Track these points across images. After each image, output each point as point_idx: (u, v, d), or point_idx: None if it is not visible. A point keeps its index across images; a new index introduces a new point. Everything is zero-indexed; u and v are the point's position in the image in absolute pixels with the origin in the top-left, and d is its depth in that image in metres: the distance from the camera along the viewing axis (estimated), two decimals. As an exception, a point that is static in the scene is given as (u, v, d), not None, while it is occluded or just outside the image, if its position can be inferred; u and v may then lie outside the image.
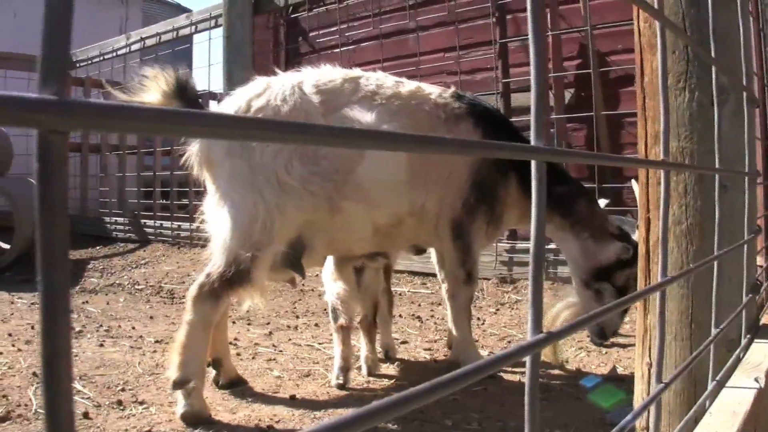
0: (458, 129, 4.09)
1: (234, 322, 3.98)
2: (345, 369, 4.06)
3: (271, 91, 3.84)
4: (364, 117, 3.86)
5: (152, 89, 3.63)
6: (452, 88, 4.34)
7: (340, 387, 3.96)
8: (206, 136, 0.47)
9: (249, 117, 0.48)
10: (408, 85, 4.14)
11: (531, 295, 0.87)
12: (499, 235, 4.63)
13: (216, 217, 3.73)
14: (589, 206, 4.34)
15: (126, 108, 0.42)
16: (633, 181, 4.45)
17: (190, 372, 3.49)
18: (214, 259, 3.70)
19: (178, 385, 3.47)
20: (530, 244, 0.89)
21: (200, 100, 3.74)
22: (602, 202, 4.80)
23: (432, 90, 4.21)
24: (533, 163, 0.85)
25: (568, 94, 7.96)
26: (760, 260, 3.85)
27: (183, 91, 3.66)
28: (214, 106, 9.51)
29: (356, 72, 4.13)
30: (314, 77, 3.95)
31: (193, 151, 3.81)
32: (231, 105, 3.87)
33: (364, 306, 4.34)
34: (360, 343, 4.36)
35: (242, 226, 3.63)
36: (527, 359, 0.85)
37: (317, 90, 3.87)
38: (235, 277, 3.57)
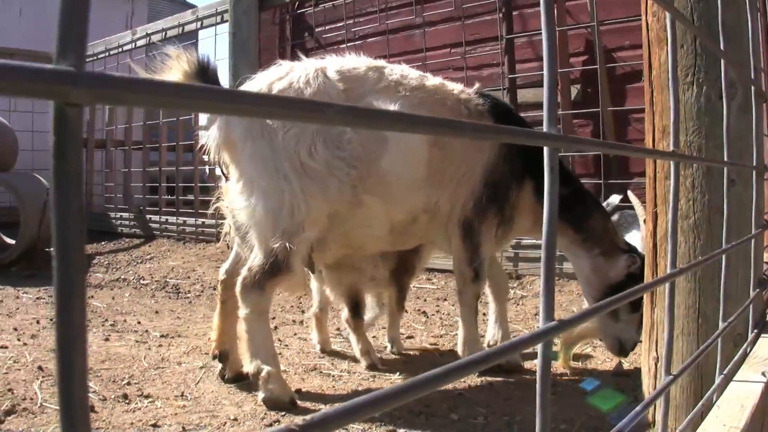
0: None
1: (239, 317, 4.02)
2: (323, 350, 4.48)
3: (294, 74, 3.82)
4: (387, 107, 3.84)
5: (174, 69, 3.64)
6: (477, 85, 4.33)
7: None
8: (222, 112, 0.47)
9: (268, 95, 0.47)
10: (432, 80, 4.12)
11: (543, 283, 0.87)
12: (510, 240, 4.59)
13: (245, 206, 3.71)
14: (602, 222, 4.30)
15: (143, 81, 0.42)
16: (630, 192, 4.46)
17: (262, 361, 3.61)
18: (254, 252, 3.73)
19: (254, 376, 3.62)
20: (543, 232, 0.88)
21: (220, 82, 3.73)
22: (616, 198, 4.77)
23: (455, 86, 4.20)
24: (545, 151, 0.85)
25: (574, 90, 7.95)
26: (766, 255, 3.85)
27: (204, 73, 3.66)
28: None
29: (381, 62, 4.12)
30: (338, 63, 3.94)
31: (210, 134, 3.79)
32: (253, 88, 3.84)
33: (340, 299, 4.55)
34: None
35: (272, 215, 3.64)
36: (539, 347, 0.85)
37: (341, 76, 3.85)
38: (274, 267, 3.61)
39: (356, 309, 4.52)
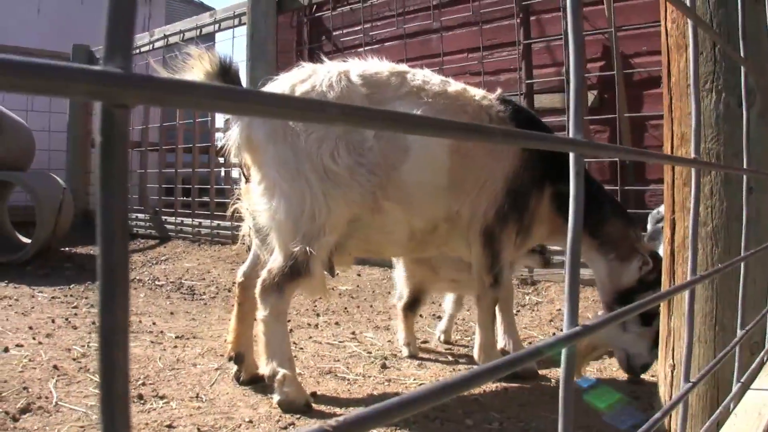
0: None
1: (255, 320, 4.01)
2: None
3: (316, 77, 3.83)
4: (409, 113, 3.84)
5: (196, 68, 3.64)
6: (498, 91, 4.32)
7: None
8: (264, 114, 0.47)
9: (306, 99, 0.47)
10: (455, 86, 4.12)
11: (567, 288, 0.87)
12: (528, 247, 4.57)
13: (266, 208, 3.73)
14: (621, 227, 4.26)
15: (189, 84, 0.43)
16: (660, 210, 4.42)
17: (277, 364, 3.63)
18: (274, 254, 3.75)
19: (270, 378, 3.63)
20: (568, 238, 0.89)
21: (242, 82, 3.74)
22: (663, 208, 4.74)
23: (477, 92, 4.20)
24: (571, 156, 0.85)
25: (591, 96, 7.95)
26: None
27: (226, 73, 3.67)
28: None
29: (403, 67, 4.11)
30: (361, 67, 3.94)
31: (231, 136, 3.80)
32: (275, 89, 3.85)
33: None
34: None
35: (293, 218, 3.66)
36: (563, 352, 0.85)
37: (363, 80, 3.85)
38: (293, 270, 3.63)
39: (415, 303, 4.78)
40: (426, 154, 3.83)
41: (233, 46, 9.37)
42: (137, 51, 11.59)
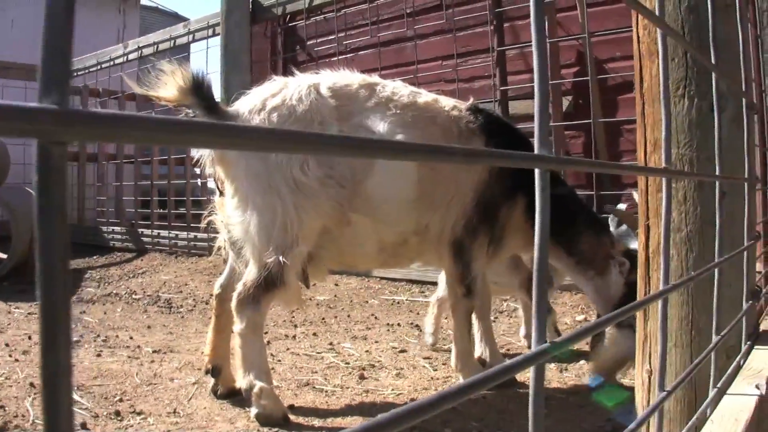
0: (471, 145, 4.05)
1: (233, 332, 4.00)
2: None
3: (287, 90, 3.83)
4: (377, 126, 3.84)
5: (169, 84, 3.62)
6: (471, 100, 4.30)
7: None
8: (209, 146, 0.46)
9: (255, 127, 0.46)
10: (425, 96, 4.11)
11: (535, 304, 0.86)
12: (503, 257, 4.56)
13: (240, 221, 3.73)
14: (594, 239, 4.25)
15: (127, 117, 0.41)
16: (633, 192, 4.40)
17: (254, 377, 3.62)
18: (249, 266, 3.76)
19: (247, 392, 3.62)
20: (535, 255, 0.88)
21: (214, 97, 3.72)
22: (622, 207, 4.76)
23: (448, 103, 4.17)
24: (537, 172, 0.84)
25: (566, 102, 7.96)
26: (759, 266, 3.84)
27: (199, 88, 3.64)
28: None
29: (374, 78, 4.11)
30: (331, 80, 3.95)
31: (204, 149, 3.79)
32: (246, 103, 3.87)
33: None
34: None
35: (266, 230, 3.66)
36: (531, 370, 0.84)
37: (333, 93, 3.86)
38: (268, 281, 3.64)
39: None
40: (391, 169, 3.83)
41: (207, 56, 9.30)
42: (111, 63, 11.56)
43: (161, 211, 11.00)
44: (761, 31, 4.70)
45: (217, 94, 9.16)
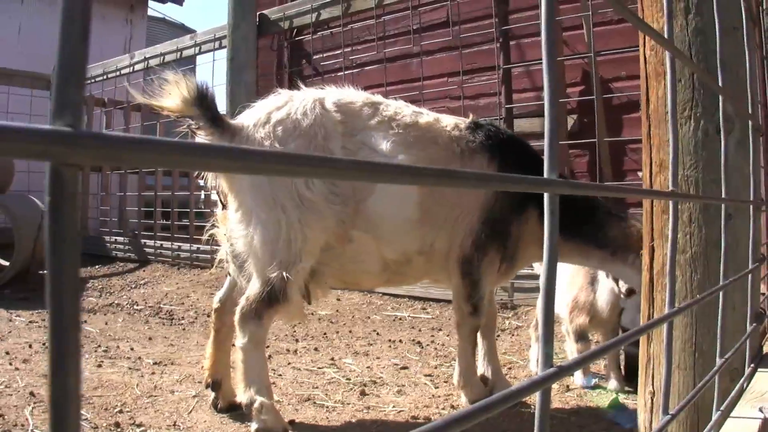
0: (473, 164, 4.03)
1: (233, 345, 3.97)
2: None
3: (292, 104, 3.82)
4: (380, 145, 3.84)
5: (173, 94, 3.61)
6: (471, 117, 4.27)
7: None
8: (224, 170, 0.46)
9: (264, 150, 0.46)
10: (426, 116, 4.08)
11: (542, 328, 0.86)
12: (516, 272, 4.53)
13: (243, 235, 3.73)
14: (620, 226, 4.19)
15: (140, 140, 0.41)
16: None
17: (255, 391, 3.60)
18: (252, 281, 3.74)
19: (247, 406, 3.60)
20: (541, 278, 0.87)
21: (218, 109, 3.71)
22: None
23: (449, 122, 4.13)
24: (546, 196, 0.84)
25: (570, 121, 7.97)
26: (763, 288, 3.83)
27: (203, 99, 3.63)
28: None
29: (377, 97, 4.10)
30: (336, 95, 3.94)
31: None
32: (251, 116, 3.86)
33: None
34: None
35: (269, 245, 3.66)
36: (537, 395, 0.84)
37: (338, 109, 3.85)
38: (270, 297, 3.63)
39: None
40: (392, 188, 3.83)
41: (213, 69, 9.37)
42: (117, 73, 11.57)
43: (164, 222, 11.00)
44: (767, 53, 4.70)
45: (222, 106, 9.19)
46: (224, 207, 3.91)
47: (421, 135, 3.96)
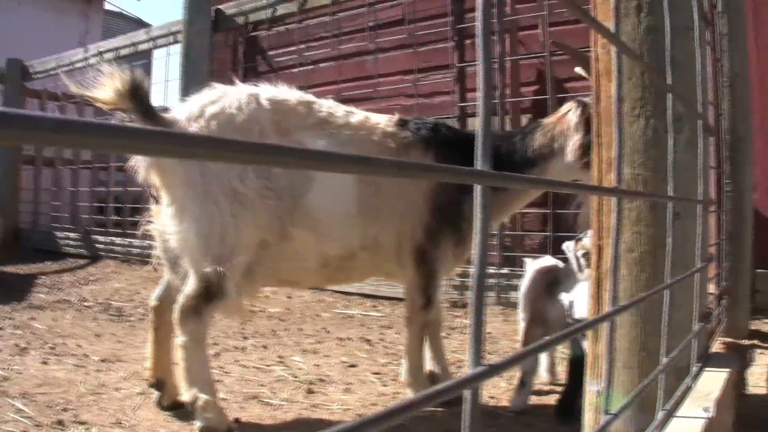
0: (409, 158, 4.04)
1: (173, 344, 3.93)
2: None
3: (226, 99, 3.79)
4: (316, 144, 3.82)
5: (107, 86, 3.56)
6: (396, 115, 4.27)
7: None
8: (143, 153, 0.43)
9: (189, 133, 0.43)
10: (357, 115, 4.09)
11: (472, 325, 0.83)
12: (468, 254, 4.54)
13: (176, 230, 3.67)
14: (532, 134, 4.37)
15: (61, 121, 0.38)
16: (566, 244, 4.32)
17: (199, 389, 3.56)
18: (189, 278, 3.69)
19: (191, 405, 3.57)
20: (474, 274, 0.84)
21: (151, 103, 3.65)
22: (570, 245, 4.59)
23: (380, 119, 4.16)
24: (476, 188, 0.81)
25: (525, 120, 7.98)
26: (711, 287, 3.85)
27: (136, 92, 3.57)
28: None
29: (310, 96, 4.09)
30: (271, 92, 3.92)
31: (139, 156, 3.73)
32: (184, 110, 3.81)
33: None
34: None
35: (203, 239, 3.62)
36: (466, 394, 0.81)
37: (272, 106, 3.84)
38: (208, 292, 3.59)
39: None
40: (330, 183, 3.82)
41: (168, 63, 9.23)
42: (71, 66, 11.45)
43: (117, 218, 10.89)
44: (721, 54, 4.72)
45: (177, 101, 9.12)
46: (158, 202, 3.87)
47: (354, 134, 3.97)
